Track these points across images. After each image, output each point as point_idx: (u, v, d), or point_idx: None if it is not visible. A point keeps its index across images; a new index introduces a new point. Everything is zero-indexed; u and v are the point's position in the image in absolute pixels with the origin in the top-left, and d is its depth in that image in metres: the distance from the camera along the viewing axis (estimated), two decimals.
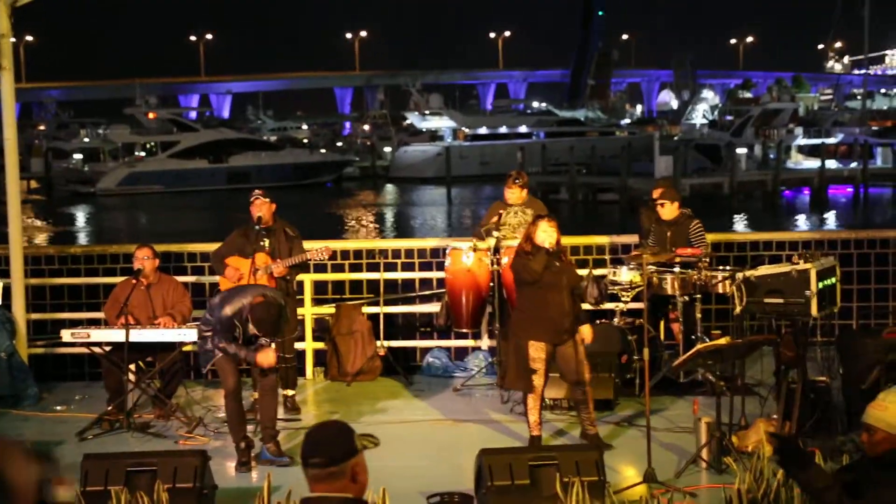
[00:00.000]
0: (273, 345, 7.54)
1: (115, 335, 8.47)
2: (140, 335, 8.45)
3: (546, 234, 7.48)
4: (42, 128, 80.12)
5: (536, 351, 7.52)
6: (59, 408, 9.34)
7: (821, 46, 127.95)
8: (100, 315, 9.66)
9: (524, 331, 7.62)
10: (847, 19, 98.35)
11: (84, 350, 9.25)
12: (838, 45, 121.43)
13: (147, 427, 8.46)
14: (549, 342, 7.53)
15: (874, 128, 66.84)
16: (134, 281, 8.69)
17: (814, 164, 53.91)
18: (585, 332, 7.74)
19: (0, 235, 11.00)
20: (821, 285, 7.66)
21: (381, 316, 10.15)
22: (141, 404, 8.80)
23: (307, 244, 8.89)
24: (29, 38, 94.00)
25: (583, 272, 8.62)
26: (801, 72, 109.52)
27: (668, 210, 9.44)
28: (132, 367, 8.80)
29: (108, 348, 8.66)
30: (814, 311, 7.61)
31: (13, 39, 9.84)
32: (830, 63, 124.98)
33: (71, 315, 10.31)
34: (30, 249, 11.05)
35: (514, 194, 9.47)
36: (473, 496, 6.40)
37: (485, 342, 10.18)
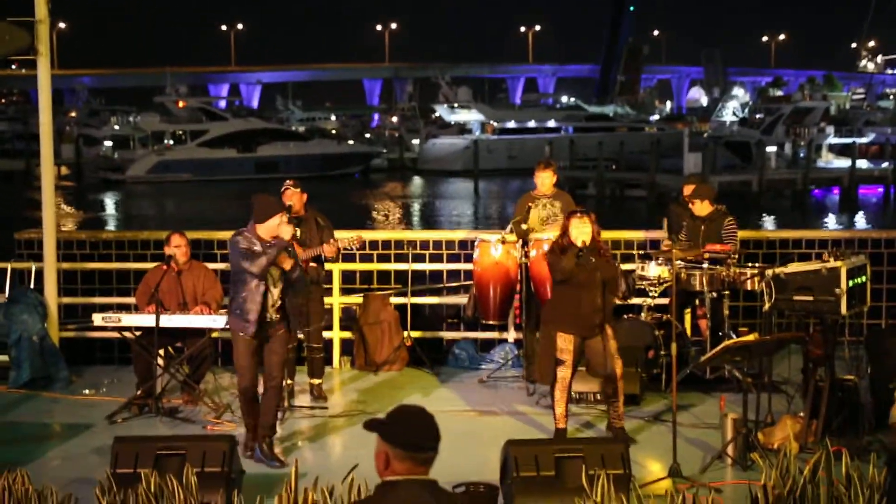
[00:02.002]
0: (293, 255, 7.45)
1: (146, 320, 8.55)
2: (170, 321, 8.52)
3: (578, 231, 7.46)
4: (73, 114, 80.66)
5: (564, 342, 7.53)
6: (87, 391, 9.45)
7: (853, 45, 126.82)
8: (130, 300, 9.75)
9: (553, 322, 7.64)
10: (881, 18, 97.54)
11: (114, 334, 9.35)
12: (871, 43, 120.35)
13: (175, 412, 8.55)
14: (578, 335, 7.54)
15: None
16: (165, 267, 8.76)
17: (844, 163, 53.50)
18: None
19: (33, 220, 11.12)
20: (851, 284, 7.63)
21: (409, 306, 10.18)
22: (170, 389, 8.88)
23: (336, 234, 8.93)
24: (62, 24, 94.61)
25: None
26: (834, 70, 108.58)
27: (701, 206, 9.41)
28: (161, 352, 8.89)
29: (138, 333, 8.74)
30: (843, 309, 7.58)
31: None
32: (863, 62, 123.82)
33: (102, 300, 10.42)
34: (62, 234, 11.16)
35: (544, 179, 9.44)
36: (499, 487, 6.43)
37: (511, 335, 10.20)
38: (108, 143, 67.28)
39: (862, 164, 53.70)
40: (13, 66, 79.80)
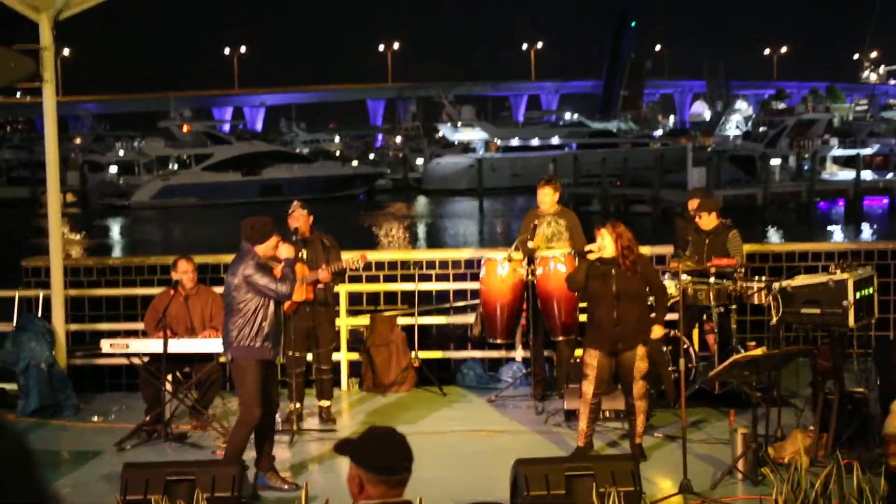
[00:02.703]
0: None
1: (154, 346, 8.55)
2: (178, 346, 8.52)
3: (597, 243, 7.51)
4: (78, 141, 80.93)
5: (589, 357, 7.58)
6: (96, 418, 9.44)
7: (856, 56, 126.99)
8: (138, 326, 9.75)
9: (585, 337, 7.77)
10: (883, 28, 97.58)
11: (122, 361, 9.34)
12: (874, 54, 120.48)
13: (184, 437, 8.54)
14: (604, 351, 7.53)
15: None
16: (172, 292, 8.77)
17: (849, 175, 53.50)
18: (655, 330, 7.75)
19: (39, 247, 11.14)
20: (858, 296, 7.61)
21: (416, 327, 10.18)
22: (178, 415, 8.88)
23: (343, 255, 8.93)
24: (65, 51, 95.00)
25: None
26: (836, 82, 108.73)
27: (707, 220, 9.41)
28: (169, 377, 8.89)
29: (146, 359, 8.74)
30: (851, 321, 7.56)
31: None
32: (866, 73, 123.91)
33: (109, 326, 10.43)
34: (69, 261, 11.18)
35: (545, 196, 9.46)
36: None
37: (519, 353, 10.19)
38: (113, 169, 67.44)
39: (866, 175, 53.68)
40: (18, 95, 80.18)
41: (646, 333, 7.65)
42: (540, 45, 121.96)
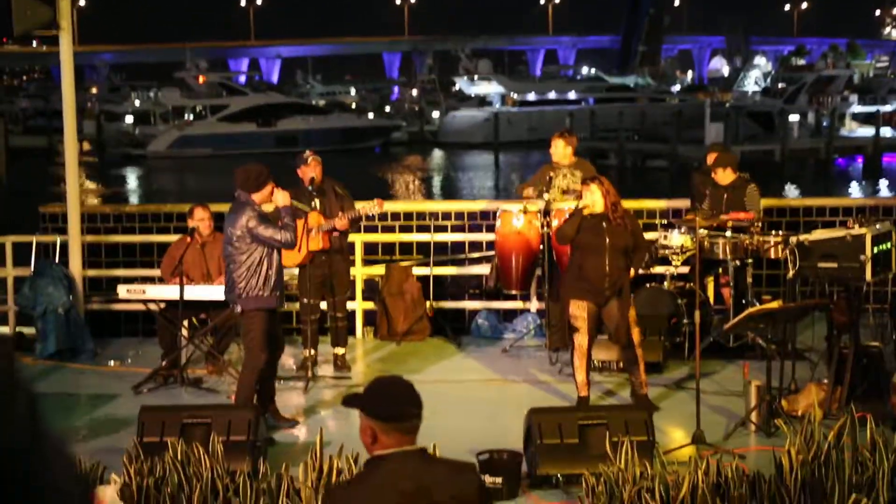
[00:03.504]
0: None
1: (170, 292, 8.60)
2: (194, 292, 8.56)
3: (586, 198, 7.54)
4: (94, 91, 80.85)
5: (578, 309, 7.56)
6: (113, 363, 9.52)
7: (878, 12, 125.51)
8: (154, 272, 9.81)
9: (566, 289, 7.76)
10: None
11: (139, 306, 9.40)
12: (895, 11, 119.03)
13: (200, 382, 8.61)
14: (591, 301, 7.54)
15: None
16: (189, 239, 8.80)
17: (868, 131, 53.01)
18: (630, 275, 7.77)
19: (56, 195, 11.18)
20: (875, 250, 7.58)
21: (431, 277, 10.20)
22: (194, 360, 8.95)
23: (357, 204, 8.92)
24: (81, 2, 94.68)
25: None
26: (857, 38, 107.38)
27: (725, 175, 9.36)
28: (186, 323, 8.94)
29: (162, 305, 8.79)
30: (868, 275, 7.54)
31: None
32: (887, 29, 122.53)
33: (126, 272, 10.48)
34: (86, 207, 11.22)
35: (557, 148, 9.42)
36: (522, 454, 6.45)
37: (534, 304, 10.20)
38: (130, 119, 67.42)
39: (886, 132, 53.19)
40: (34, 43, 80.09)
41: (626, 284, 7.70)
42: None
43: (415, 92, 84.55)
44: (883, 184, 45.31)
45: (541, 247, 9.23)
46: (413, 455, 3.37)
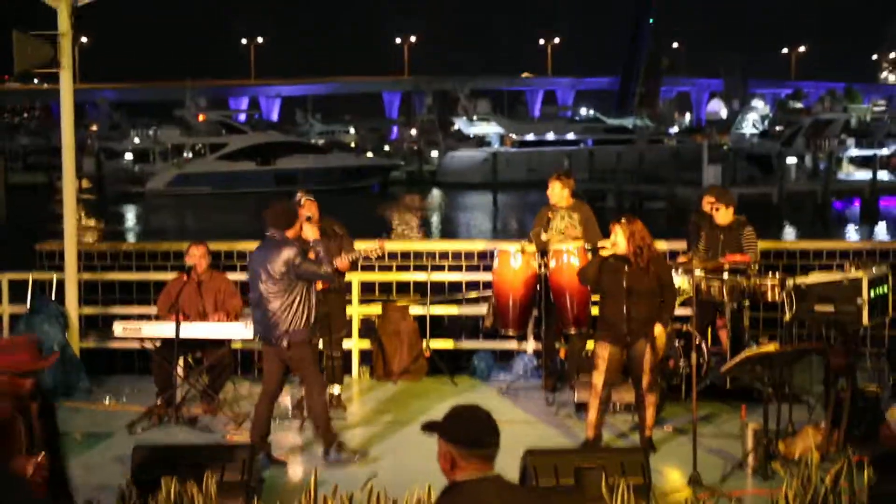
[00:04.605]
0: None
1: (166, 330, 8.58)
2: (190, 330, 8.55)
3: (610, 239, 7.54)
4: (94, 128, 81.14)
5: (601, 349, 7.60)
6: (108, 401, 9.48)
7: (875, 57, 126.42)
8: (150, 310, 9.79)
9: (597, 330, 7.78)
10: None
11: (134, 344, 9.38)
12: (892, 55, 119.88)
13: (195, 421, 8.57)
14: (612, 343, 7.52)
15: None
16: (185, 277, 8.80)
17: (865, 175, 53.21)
18: (656, 330, 7.61)
19: (54, 232, 11.19)
20: (872, 294, 7.59)
21: (428, 317, 10.18)
22: (189, 399, 8.91)
23: (359, 245, 8.93)
24: (83, 39, 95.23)
25: None
26: (854, 82, 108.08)
27: (723, 214, 9.36)
28: (181, 361, 8.91)
29: (158, 343, 8.77)
30: (865, 319, 7.54)
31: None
32: (884, 74, 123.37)
33: (122, 309, 10.46)
34: (83, 245, 11.21)
35: (554, 190, 9.43)
36: None
37: (530, 345, 10.18)
38: (129, 157, 67.60)
39: (883, 175, 53.39)
40: (35, 81, 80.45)
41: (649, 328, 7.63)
42: (557, 40, 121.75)
43: (414, 131, 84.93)
44: (880, 227, 45.39)
45: (537, 287, 9.23)
46: (493, 481, 3.40)
